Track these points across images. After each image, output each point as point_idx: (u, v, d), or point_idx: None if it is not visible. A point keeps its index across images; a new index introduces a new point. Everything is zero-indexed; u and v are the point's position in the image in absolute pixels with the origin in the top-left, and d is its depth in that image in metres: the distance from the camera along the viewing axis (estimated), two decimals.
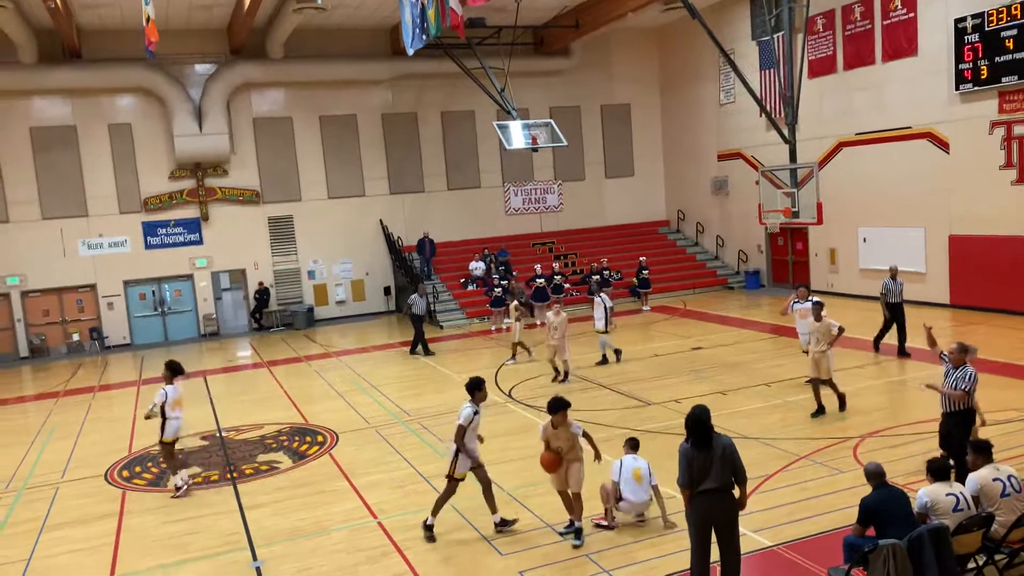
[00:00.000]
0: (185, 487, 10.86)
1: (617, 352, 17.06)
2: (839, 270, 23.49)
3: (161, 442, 10.93)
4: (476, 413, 8.56)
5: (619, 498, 8.60)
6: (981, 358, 14.55)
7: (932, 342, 9.49)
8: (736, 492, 6.53)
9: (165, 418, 10.72)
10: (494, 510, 8.72)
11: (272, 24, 23.76)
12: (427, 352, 19.80)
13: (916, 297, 20.82)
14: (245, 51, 24.72)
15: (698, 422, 6.48)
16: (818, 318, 12.15)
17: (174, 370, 10.97)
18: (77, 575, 8.67)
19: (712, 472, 6.39)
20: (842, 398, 12.11)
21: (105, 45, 23.59)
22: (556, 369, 15.79)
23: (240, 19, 22.23)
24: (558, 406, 8.20)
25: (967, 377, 8.45)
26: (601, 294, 17.07)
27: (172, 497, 10.75)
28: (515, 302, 18.91)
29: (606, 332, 16.81)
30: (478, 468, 8.69)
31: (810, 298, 13.76)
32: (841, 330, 12.17)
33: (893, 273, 15.70)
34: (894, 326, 15.47)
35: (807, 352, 13.30)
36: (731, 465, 6.44)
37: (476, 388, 8.63)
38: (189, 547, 9.08)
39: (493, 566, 7.95)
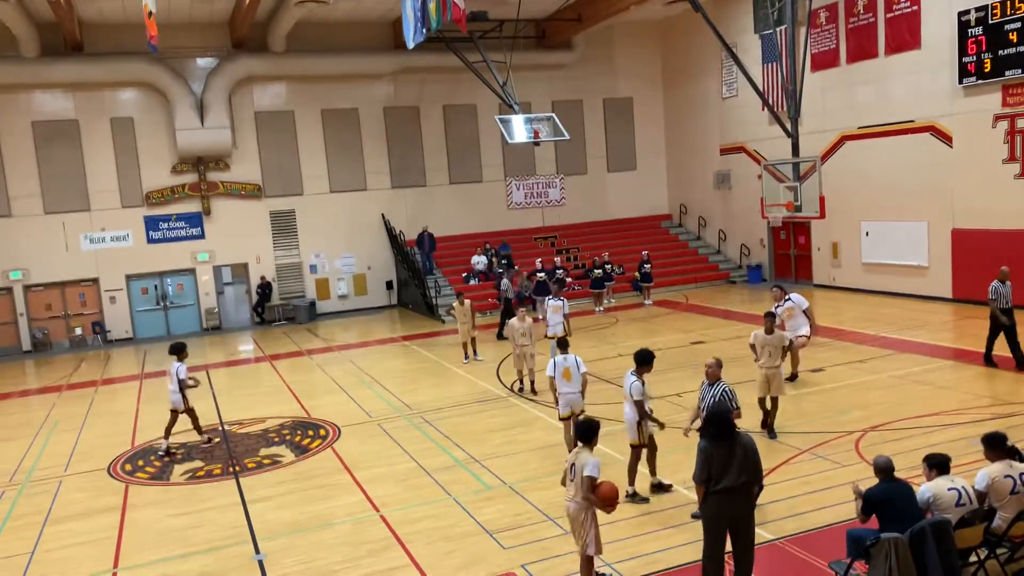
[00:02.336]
0: (163, 453, 12.44)
1: None
2: (841, 264, 23.46)
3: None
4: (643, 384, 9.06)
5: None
6: (982, 351, 14.60)
7: None
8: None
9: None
10: (653, 472, 9.34)
11: (274, 17, 23.72)
12: (500, 336, 19.76)
13: (918, 291, 20.85)
14: (247, 45, 24.68)
15: (715, 416, 6.54)
16: (770, 330, 11.13)
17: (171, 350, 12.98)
18: (80, 568, 8.69)
19: (731, 470, 6.35)
20: (772, 424, 11.01)
21: (107, 39, 23.57)
22: (522, 381, 14.69)
23: (242, 12, 22.19)
24: (587, 430, 6.99)
25: (731, 394, 8.59)
26: (560, 297, 16.55)
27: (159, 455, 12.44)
28: (467, 302, 17.92)
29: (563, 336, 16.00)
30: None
31: (788, 297, 13.53)
32: (791, 343, 11.22)
33: (1003, 277, 13.67)
34: (1001, 334, 13.63)
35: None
36: (752, 465, 6.40)
37: (644, 362, 9.12)
38: (192, 540, 9.11)
39: (495, 559, 7.96)
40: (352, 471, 11.03)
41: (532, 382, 14.59)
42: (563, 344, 11.47)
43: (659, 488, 9.27)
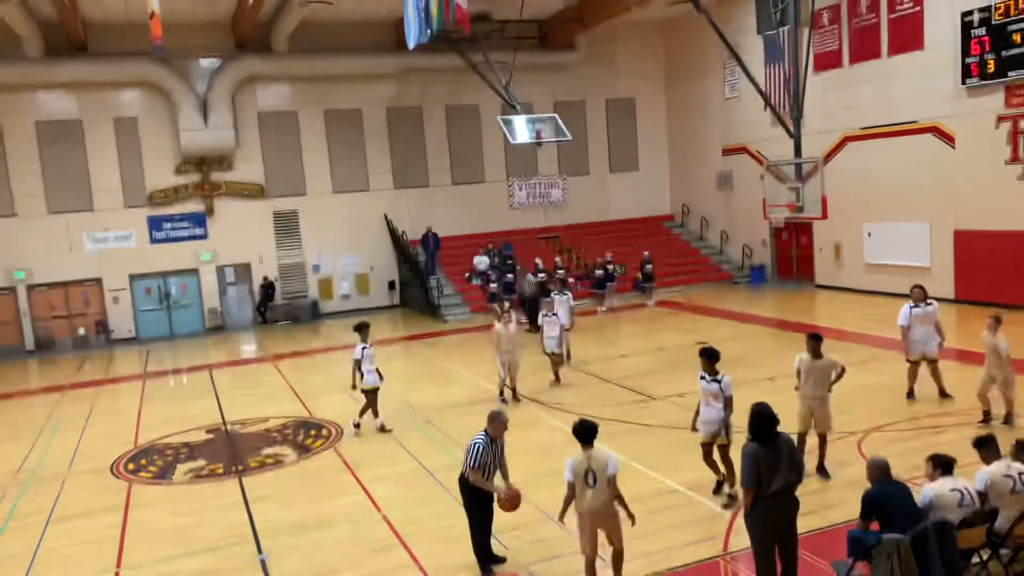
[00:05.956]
0: (381, 428, 12.78)
1: (568, 354, 16.44)
2: (844, 265, 23.44)
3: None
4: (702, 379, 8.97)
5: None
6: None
7: None
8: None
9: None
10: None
11: (277, 18, 23.75)
12: (535, 328, 19.40)
13: None
14: (250, 45, 24.71)
15: (764, 417, 6.41)
16: (817, 354, 9.41)
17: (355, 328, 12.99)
18: (83, 567, 8.71)
19: (779, 471, 6.29)
20: (822, 460, 9.52)
21: (110, 39, 23.60)
22: (503, 391, 14.09)
23: (245, 12, 22.22)
24: (591, 432, 6.91)
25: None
26: (565, 292, 17.07)
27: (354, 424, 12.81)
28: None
29: (568, 330, 16.48)
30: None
31: (931, 300, 12.12)
32: (843, 370, 9.54)
33: None
34: None
35: (915, 362, 12.19)
36: (797, 464, 6.39)
37: (709, 357, 8.93)
38: (195, 540, 9.12)
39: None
40: (354, 471, 11.05)
41: (514, 390, 14.11)
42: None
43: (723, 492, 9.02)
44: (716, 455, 8.89)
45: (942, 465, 6.76)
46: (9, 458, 13.08)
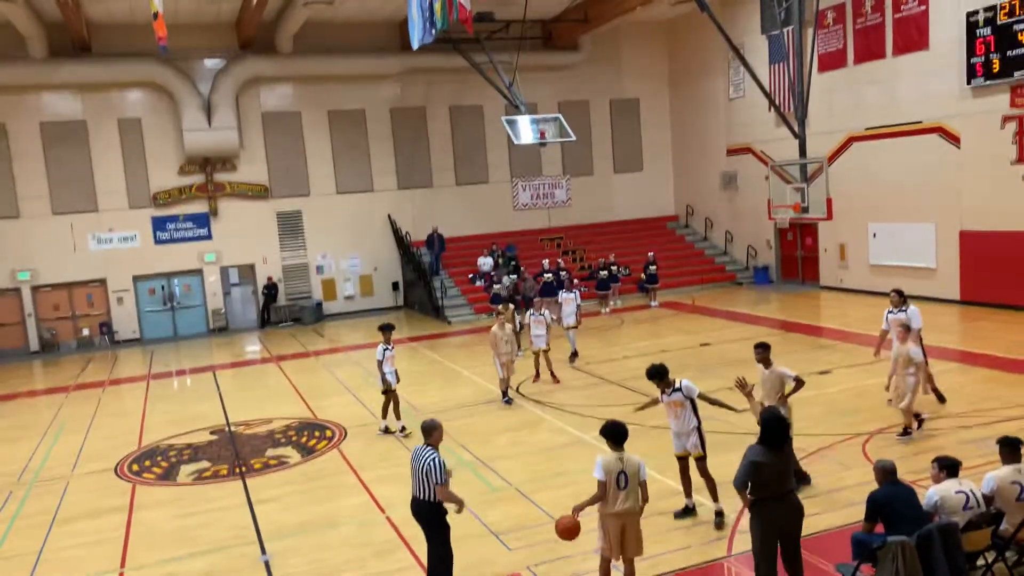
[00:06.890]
0: (386, 431, 12.72)
1: (575, 353, 16.96)
2: (849, 266, 23.39)
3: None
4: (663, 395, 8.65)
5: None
6: (990, 354, 14.56)
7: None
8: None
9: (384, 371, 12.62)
10: (715, 498, 8.51)
11: (281, 18, 23.78)
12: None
13: (926, 293, 20.73)
14: (254, 46, 24.73)
15: (777, 421, 6.38)
16: (767, 364, 9.10)
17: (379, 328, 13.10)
18: (87, 568, 8.72)
19: (786, 476, 6.30)
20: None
21: (115, 39, 23.65)
22: (504, 391, 14.15)
23: (249, 13, 22.24)
24: (623, 434, 6.79)
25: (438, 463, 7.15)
26: (573, 290, 17.44)
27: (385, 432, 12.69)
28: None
29: (575, 327, 16.80)
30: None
31: (903, 308, 11.63)
32: (799, 383, 8.83)
33: None
34: None
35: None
36: (794, 468, 6.42)
37: (658, 376, 8.59)
38: (198, 541, 9.13)
39: (501, 560, 7.97)
40: (358, 472, 11.04)
41: (507, 388, 14.18)
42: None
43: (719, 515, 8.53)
44: (695, 470, 8.62)
45: (947, 467, 6.73)
46: (14, 459, 13.11)
